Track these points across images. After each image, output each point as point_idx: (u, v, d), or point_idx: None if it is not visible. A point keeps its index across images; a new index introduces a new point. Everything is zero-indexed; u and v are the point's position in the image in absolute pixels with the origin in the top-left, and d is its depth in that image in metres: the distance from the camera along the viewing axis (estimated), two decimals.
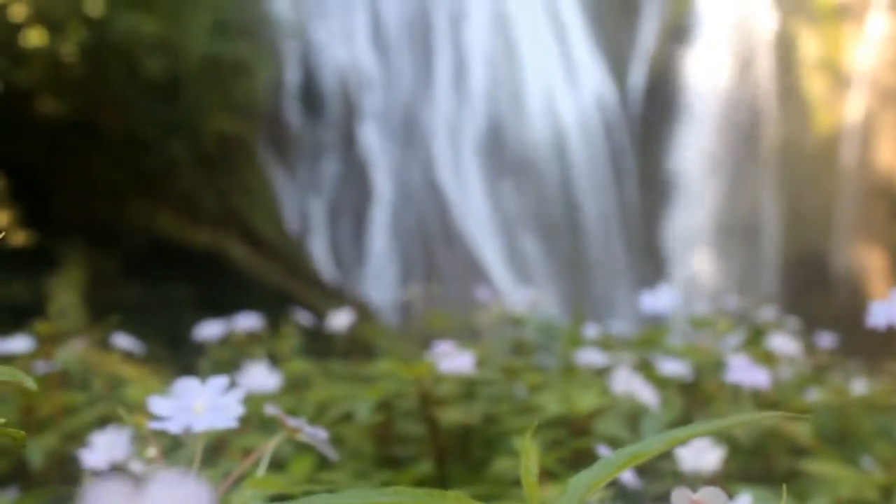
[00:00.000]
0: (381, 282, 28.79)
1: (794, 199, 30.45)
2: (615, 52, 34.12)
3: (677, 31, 33.07)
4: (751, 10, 31.82)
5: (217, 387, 1.62)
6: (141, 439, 2.14)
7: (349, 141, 30.77)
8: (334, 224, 29.77)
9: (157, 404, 1.61)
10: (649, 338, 3.57)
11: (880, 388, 3.55)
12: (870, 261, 29.07)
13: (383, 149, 30.91)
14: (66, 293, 19.58)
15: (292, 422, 1.70)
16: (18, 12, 18.29)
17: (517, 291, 29.58)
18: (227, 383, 1.63)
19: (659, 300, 2.85)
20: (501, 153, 31.90)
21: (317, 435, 1.71)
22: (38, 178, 20.63)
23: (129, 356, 4.06)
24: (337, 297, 24.13)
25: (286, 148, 30.33)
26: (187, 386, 1.63)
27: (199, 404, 1.59)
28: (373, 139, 30.96)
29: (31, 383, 1.43)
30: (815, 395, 3.33)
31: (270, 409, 1.76)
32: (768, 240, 30.67)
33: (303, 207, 29.85)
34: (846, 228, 29.46)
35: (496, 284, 29.35)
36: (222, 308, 18.18)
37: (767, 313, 4.19)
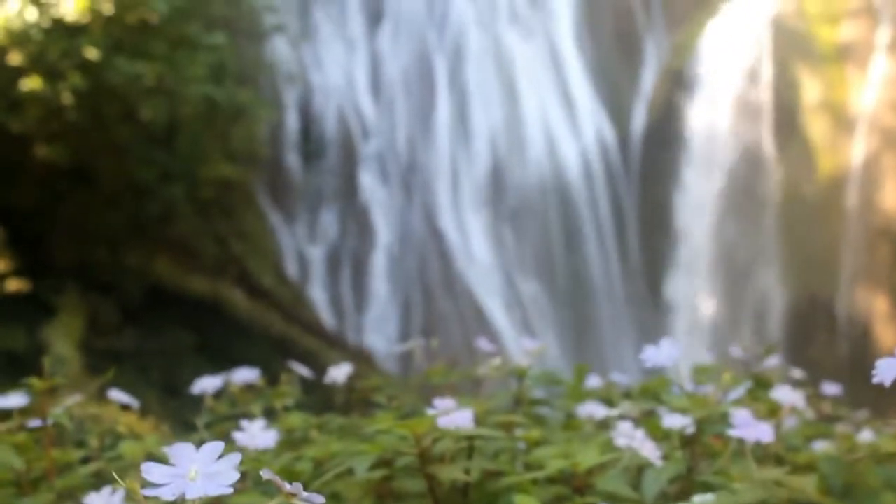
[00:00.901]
0: (381, 329, 28.65)
1: (797, 244, 30.33)
2: (617, 96, 34.12)
3: (679, 75, 33.09)
4: (752, 53, 31.83)
5: (211, 452, 1.64)
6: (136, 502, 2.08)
7: (349, 187, 30.73)
8: (334, 271, 29.67)
9: (151, 471, 1.62)
10: (651, 389, 3.58)
11: (887, 438, 3.45)
12: (875, 304, 28.91)
13: (383, 194, 30.87)
14: (62, 341, 19.43)
15: (288, 487, 1.69)
16: (15, 58, 18.25)
17: (519, 339, 29.48)
18: (221, 449, 1.65)
19: (661, 353, 2.71)
20: (502, 198, 31.84)
21: (313, 500, 1.69)
22: (34, 225, 20.54)
23: (126, 407, 3.94)
24: (337, 344, 23.98)
25: (286, 194, 30.28)
26: (182, 452, 1.64)
27: (194, 471, 1.60)
28: (373, 185, 30.93)
29: (17, 462, 1.33)
30: (820, 447, 3.29)
31: (266, 475, 1.69)
32: (772, 285, 30.52)
33: (302, 254, 29.77)
34: (851, 272, 29.32)
35: (497, 331, 29.21)
36: (220, 355, 18.03)
37: (772, 362, 4.02)
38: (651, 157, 32.87)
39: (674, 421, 2.82)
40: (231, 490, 1.61)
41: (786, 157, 31.02)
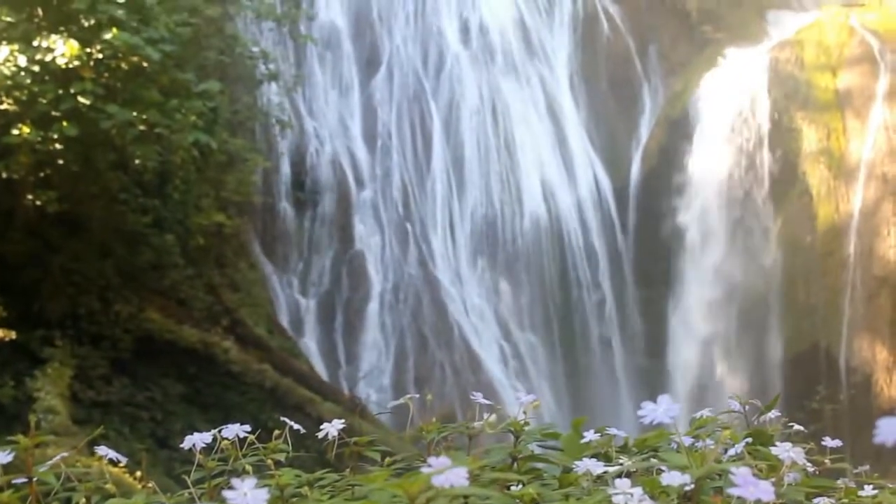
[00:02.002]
0: (375, 379, 28.37)
1: (797, 292, 30.12)
2: (613, 144, 34.06)
3: (676, 124, 33.01)
4: (750, 102, 31.76)
5: None
6: None
7: (343, 235, 30.53)
8: (327, 320, 29.37)
9: None
10: (649, 442, 3.37)
11: (888, 494, 3.29)
12: (876, 353, 28.66)
13: (378, 243, 30.67)
14: (50, 392, 19.16)
15: None
16: (5, 105, 18.10)
17: (513, 387, 29.26)
18: None
19: (659, 410, 2.56)
20: (498, 247, 31.66)
21: None
22: (24, 274, 20.30)
23: (115, 462, 3.73)
24: (330, 395, 23.70)
25: (279, 242, 30.07)
26: None
27: None
28: (367, 233, 30.74)
29: None
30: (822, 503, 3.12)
31: None
32: (772, 333, 30.27)
33: (295, 303, 29.51)
34: (851, 321, 29.09)
35: (493, 381, 28.97)
36: (212, 406, 17.75)
37: (772, 416, 3.81)
38: (648, 207, 32.74)
39: (673, 478, 2.69)
40: None
41: (785, 205, 30.87)
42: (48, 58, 17.73)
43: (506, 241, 31.75)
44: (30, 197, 19.50)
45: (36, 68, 17.74)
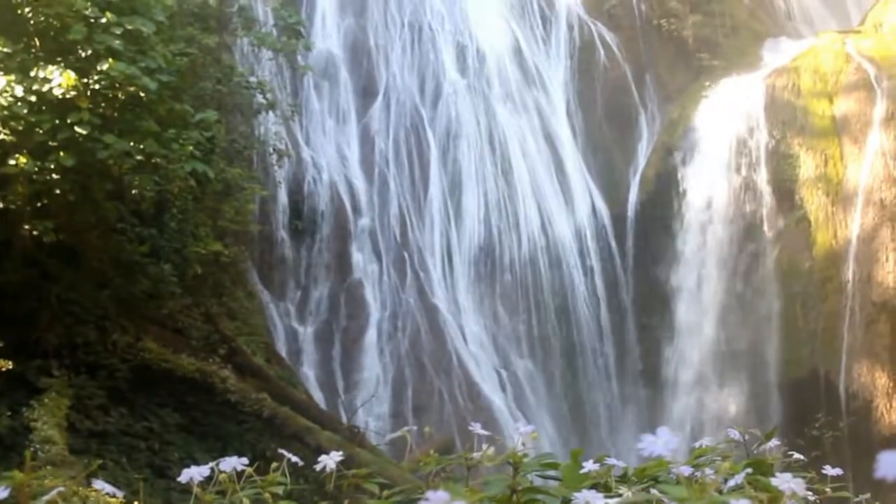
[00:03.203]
0: (373, 407, 28.25)
1: (796, 319, 30.05)
2: (610, 171, 34.07)
3: (674, 150, 33.03)
4: (747, 129, 31.79)
5: None
6: None
7: (341, 263, 30.48)
8: (325, 348, 29.29)
9: None
10: (649, 472, 3.35)
11: None
12: (875, 379, 28.56)
13: (375, 271, 30.64)
14: (47, 422, 19.04)
15: None
16: (2, 135, 18.07)
17: (512, 414, 29.16)
18: None
19: (659, 443, 2.54)
20: (496, 275, 31.62)
21: None
22: (21, 304, 20.21)
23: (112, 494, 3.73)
24: (328, 424, 23.58)
25: (276, 270, 30.02)
26: None
27: None
28: (365, 261, 30.70)
29: None
30: None
31: None
32: (772, 360, 30.19)
33: (293, 331, 29.43)
34: (850, 347, 29.01)
35: (491, 408, 28.86)
36: (209, 435, 17.64)
37: (772, 444, 3.79)
38: (646, 233, 32.73)
39: None
40: None
41: (783, 231, 30.85)
42: (45, 88, 17.68)
43: (503, 268, 31.71)
44: (26, 227, 19.41)
45: (33, 99, 17.69)
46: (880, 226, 29.39)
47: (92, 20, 18.33)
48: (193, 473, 3.68)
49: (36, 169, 18.08)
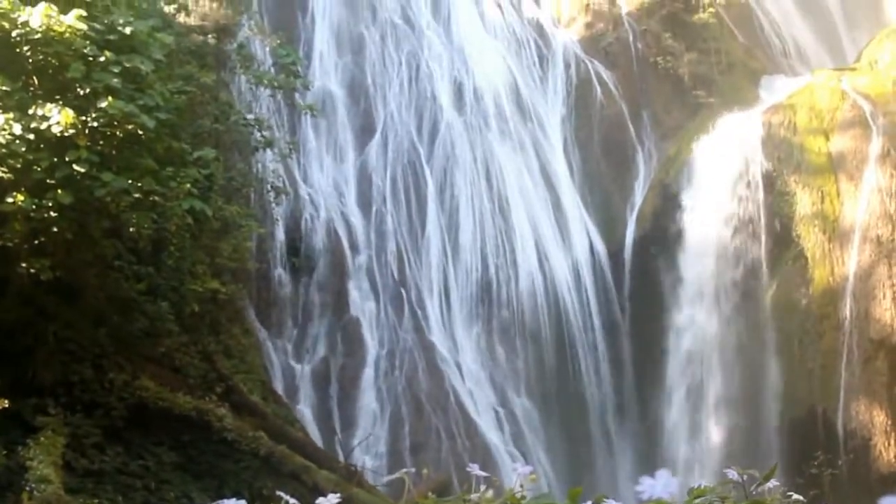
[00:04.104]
0: (370, 445, 28.14)
1: (793, 356, 29.98)
2: (607, 208, 34.08)
3: (670, 187, 33.07)
4: (744, 166, 31.83)
5: None
6: None
7: (338, 301, 30.44)
8: (322, 386, 29.20)
9: None
10: None
11: None
12: (874, 417, 28.48)
13: (373, 309, 30.59)
14: (44, 461, 18.95)
15: None
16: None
17: (510, 453, 29.05)
18: None
19: (658, 486, 2.50)
20: (493, 312, 31.58)
21: None
22: (17, 342, 20.16)
23: None
24: (325, 462, 23.49)
25: (273, 308, 29.96)
26: None
27: None
28: (362, 299, 30.67)
29: None
30: None
31: None
32: (770, 398, 30.10)
33: (290, 369, 29.36)
34: (848, 384, 28.94)
35: (489, 447, 28.76)
36: (206, 474, 17.53)
37: (771, 485, 3.74)
38: (643, 270, 32.71)
39: None
40: None
41: (780, 268, 30.83)
42: (43, 126, 17.71)
43: (501, 305, 31.68)
44: (24, 265, 19.38)
45: (31, 136, 17.71)
46: (877, 263, 29.38)
47: (90, 58, 18.39)
48: None
49: (34, 207, 18.08)
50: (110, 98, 18.13)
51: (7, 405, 19.10)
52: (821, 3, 43.71)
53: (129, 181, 18.73)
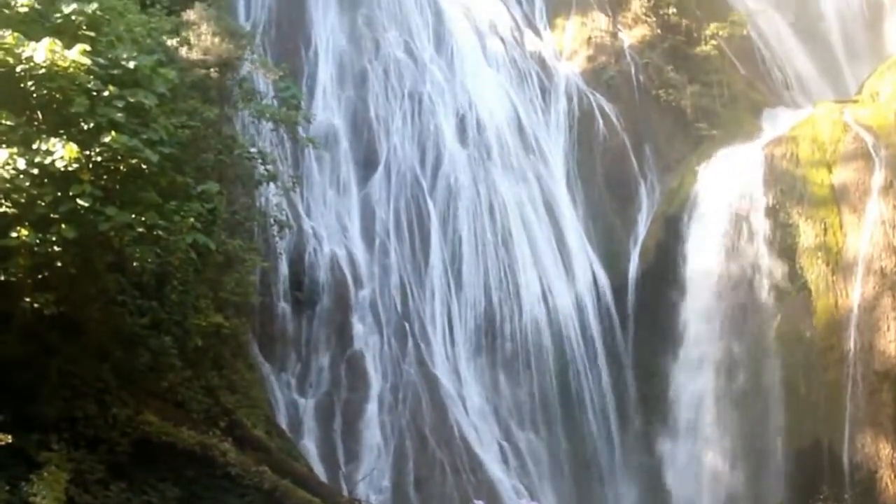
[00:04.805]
0: (374, 480, 28.02)
1: (798, 388, 29.86)
2: (610, 240, 34.06)
3: (673, 220, 33.03)
4: (747, 198, 31.81)
5: None
6: None
7: (342, 335, 30.34)
8: (326, 421, 29.07)
9: None
10: None
11: None
12: (879, 449, 28.35)
13: (376, 342, 30.50)
14: (47, 497, 18.86)
15: None
16: (3, 208, 18.04)
17: (515, 488, 28.91)
18: None
19: None
20: (497, 345, 31.50)
21: None
22: (21, 377, 20.08)
23: None
24: (330, 497, 23.40)
25: (277, 342, 29.87)
26: None
27: None
28: (366, 332, 30.58)
29: None
30: None
31: None
32: (775, 432, 29.97)
33: (294, 404, 29.24)
34: (854, 417, 28.81)
35: (493, 481, 28.63)
36: None
37: None
38: (647, 303, 32.65)
39: None
40: None
41: (784, 300, 30.75)
42: (47, 160, 17.68)
43: (504, 338, 31.61)
44: (27, 299, 19.32)
45: (35, 171, 17.68)
46: (881, 294, 29.31)
47: (94, 93, 18.40)
48: None
49: (37, 241, 18.04)
50: (114, 132, 18.13)
51: (10, 440, 19.01)
52: (822, 35, 43.84)
53: (133, 215, 18.70)
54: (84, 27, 19.21)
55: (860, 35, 44.06)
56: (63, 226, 18.10)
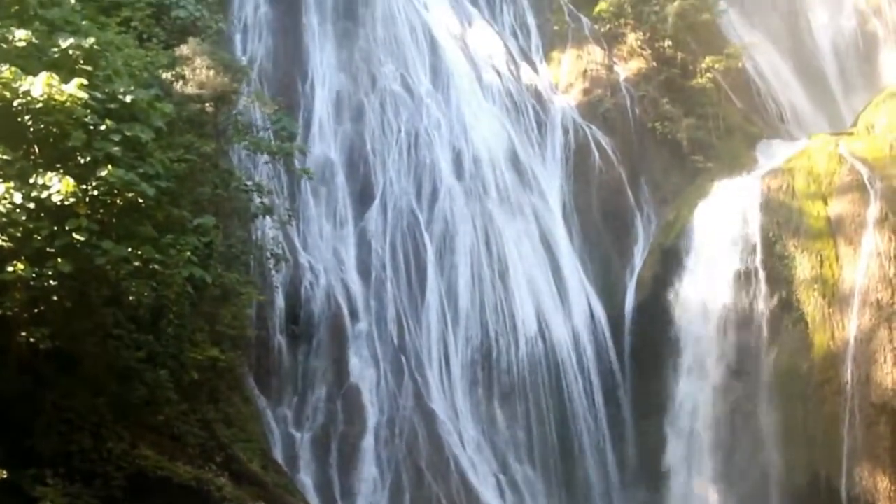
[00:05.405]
0: None
1: (795, 421, 29.82)
2: (607, 273, 34.06)
3: (670, 253, 33.05)
4: (743, 231, 31.84)
5: None
6: None
7: (338, 368, 30.27)
8: (322, 454, 28.99)
9: None
10: None
11: None
12: (877, 483, 28.28)
13: (372, 376, 30.43)
14: None
15: None
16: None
17: None
18: None
19: None
20: (493, 378, 31.45)
21: None
22: (16, 412, 20.01)
23: None
24: None
25: (273, 376, 29.78)
26: None
27: None
28: (362, 366, 30.52)
29: None
30: None
31: None
32: (772, 465, 29.91)
33: (290, 437, 29.14)
34: (851, 450, 28.76)
35: None
36: None
37: None
38: (644, 335, 32.63)
39: None
40: None
41: (780, 333, 30.73)
42: (44, 195, 17.69)
43: (501, 371, 31.56)
44: (23, 333, 19.29)
45: (31, 205, 17.68)
46: (878, 327, 29.31)
47: (91, 127, 18.42)
48: None
49: (34, 275, 18.01)
50: (110, 166, 18.16)
51: (6, 475, 18.92)
52: (817, 68, 44.02)
53: (129, 249, 18.70)
54: (81, 61, 19.27)
55: (855, 67, 44.25)
56: (59, 260, 18.08)
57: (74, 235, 17.99)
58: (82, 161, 18.45)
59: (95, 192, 18.31)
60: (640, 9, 38.76)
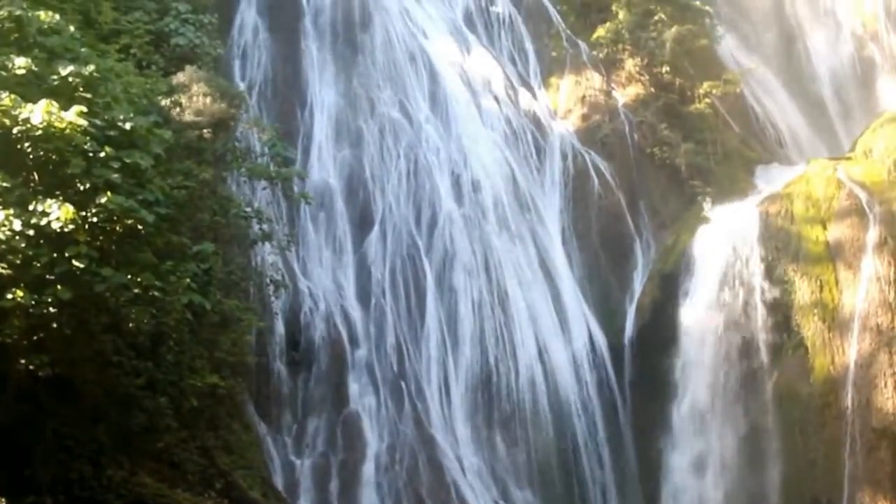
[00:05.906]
0: None
1: (796, 446, 29.77)
2: (606, 298, 34.06)
3: (669, 278, 33.06)
4: (742, 255, 31.86)
5: None
6: None
7: (338, 395, 30.22)
8: (322, 481, 28.90)
9: None
10: None
11: None
12: None
13: (372, 402, 30.36)
14: None
15: None
16: None
17: None
18: None
19: None
20: (494, 404, 31.40)
21: None
22: (15, 440, 19.95)
23: None
24: None
25: (273, 403, 29.71)
26: None
27: None
28: (362, 392, 30.47)
29: None
30: None
31: None
32: (772, 489, 29.84)
33: (290, 464, 29.06)
34: (852, 474, 28.70)
35: None
36: None
37: None
38: (643, 361, 32.60)
39: None
40: None
41: (780, 358, 30.72)
42: (43, 222, 17.67)
43: (501, 397, 31.51)
44: (22, 361, 19.24)
45: (31, 232, 17.66)
46: (878, 351, 29.29)
47: (90, 154, 18.41)
48: None
49: (33, 303, 17.96)
50: (110, 193, 18.14)
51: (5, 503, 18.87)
52: (814, 93, 44.17)
53: (129, 276, 18.67)
54: (81, 89, 19.29)
55: (852, 92, 44.39)
56: (59, 287, 18.04)
57: (74, 262, 17.95)
58: (82, 188, 18.43)
59: (95, 219, 18.28)
60: (637, 35, 38.88)
